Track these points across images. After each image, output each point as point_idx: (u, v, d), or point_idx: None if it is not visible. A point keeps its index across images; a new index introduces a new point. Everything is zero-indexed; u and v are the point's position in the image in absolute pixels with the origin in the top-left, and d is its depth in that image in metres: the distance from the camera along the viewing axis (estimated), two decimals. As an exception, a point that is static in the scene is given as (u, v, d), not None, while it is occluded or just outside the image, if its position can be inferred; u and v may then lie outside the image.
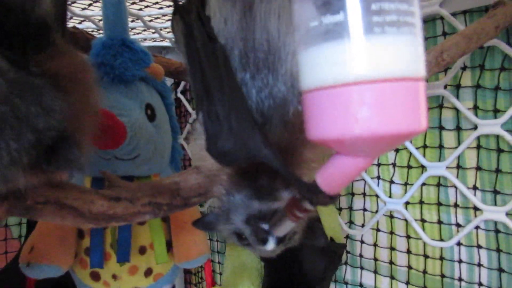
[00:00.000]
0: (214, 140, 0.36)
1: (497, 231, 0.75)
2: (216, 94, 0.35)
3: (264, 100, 0.39)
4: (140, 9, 1.04)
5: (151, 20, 1.08)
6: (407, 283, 0.86)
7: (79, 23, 1.04)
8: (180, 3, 0.46)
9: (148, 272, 0.73)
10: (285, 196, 0.42)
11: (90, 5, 0.98)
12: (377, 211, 0.89)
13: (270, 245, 0.41)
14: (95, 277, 0.71)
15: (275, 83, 0.39)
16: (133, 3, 0.98)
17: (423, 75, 0.27)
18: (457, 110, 0.78)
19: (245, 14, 0.39)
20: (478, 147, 0.77)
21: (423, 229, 0.82)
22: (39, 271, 0.64)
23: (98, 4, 0.96)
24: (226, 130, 0.35)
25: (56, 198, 0.37)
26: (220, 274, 1.24)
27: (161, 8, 1.04)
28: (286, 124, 0.39)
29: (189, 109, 1.25)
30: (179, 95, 1.25)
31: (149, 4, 1.01)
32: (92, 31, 1.07)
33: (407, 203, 0.85)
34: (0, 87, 0.28)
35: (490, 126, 0.73)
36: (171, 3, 0.97)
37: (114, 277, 0.71)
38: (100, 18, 1.02)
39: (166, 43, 1.23)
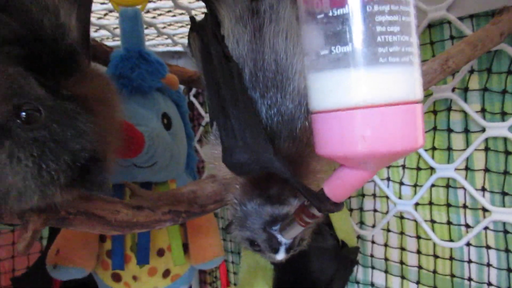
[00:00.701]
0: (230, 152, 0.39)
1: (505, 232, 0.76)
2: (231, 110, 0.39)
3: (273, 117, 0.42)
4: (154, 17, 1.07)
5: (164, 27, 1.12)
6: (418, 282, 0.88)
7: (95, 31, 1.08)
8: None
9: (166, 273, 0.77)
10: (294, 203, 0.45)
11: (105, 14, 1.02)
12: (387, 212, 0.91)
13: (281, 255, 0.44)
14: (116, 278, 0.75)
15: (283, 101, 0.42)
16: (147, 12, 1.01)
17: (420, 98, 0.30)
18: (465, 113, 0.79)
19: (255, 35, 0.42)
20: (486, 149, 0.78)
21: (433, 229, 0.84)
22: (65, 273, 0.68)
23: (113, 13, 1.00)
24: (241, 144, 0.38)
25: (86, 209, 0.40)
26: (234, 273, 1.27)
27: (174, 16, 1.07)
28: (294, 139, 0.42)
29: (202, 112, 1.28)
30: (192, 98, 1.28)
31: (162, 12, 1.05)
32: (107, 38, 1.12)
33: (416, 204, 0.86)
34: (40, 115, 0.31)
35: (498, 129, 0.74)
36: (184, 11, 1.01)
37: (134, 278, 0.74)
38: (114, 26, 1.06)
39: (178, 48, 1.27)
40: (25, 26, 0.35)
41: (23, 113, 0.31)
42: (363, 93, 0.29)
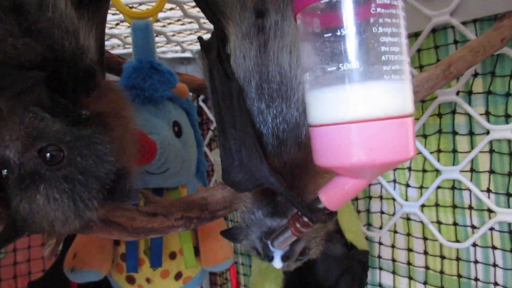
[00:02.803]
0: (227, 172, 0.42)
1: (511, 232, 0.77)
2: (229, 131, 0.41)
3: (279, 125, 0.44)
4: (163, 26, 1.10)
5: (173, 35, 1.15)
6: (425, 283, 0.89)
7: (107, 39, 1.11)
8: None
9: (178, 276, 0.79)
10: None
11: (117, 24, 1.06)
12: (394, 214, 0.92)
13: (277, 263, 0.46)
14: (131, 280, 0.77)
15: (288, 110, 0.44)
16: (157, 21, 1.04)
17: (411, 112, 0.32)
18: (469, 116, 0.80)
19: (260, 50, 0.44)
20: (491, 151, 0.79)
21: (439, 231, 0.85)
22: (82, 276, 0.71)
23: (124, 23, 1.03)
24: (237, 164, 0.41)
25: (104, 216, 0.43)
26: (244, 275, 1.29)
27: (183, 24, 1.10)
28: (299, 145, 0.44)
29: (211, 116, 1.30)
30: (201, 103, 1.31)
31: (172, 21, 1.08)
32: (118, 46, 1.15)
33: (423, 205, 0.88)
34: (63, 153, 0.34)
35: (502, 131, 0.76)
36: (192, 20, 1.03)
37: (148, 280, 0.77)
38: (125, 35, 1.09)
39: (187, 54, 1.29)
40: (47, 49, 0.38)
41: (48, 154, 0.34)
42: (357, 108, 0.31)
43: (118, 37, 1.09)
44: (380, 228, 0.96)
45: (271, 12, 0.45)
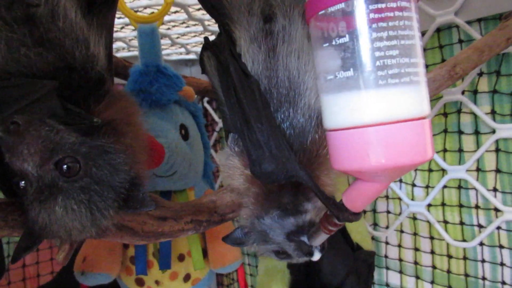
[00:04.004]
0: (258, 163, 0.42)
1: (518, 231, 0.77)
2: (255, 124, 0.42)
3: (285, 130, 0.44)
4: (168, 29, 1.11)
5: (178, 37, 1.15)
6: (432, 282, 0.89)
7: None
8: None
9: (187, 278, 0.80)
10: (309, 207, 0.47)
11: (122, 28, 1.06)
12: (400, 213, 0.92)
13: (316, 256, 0.47)
14: (140, 283, 0.78)
15: (295, 115, 0.44)
16: (162, 24, 1.05)
17: (426, 114, 0.32)
18: (475, 115, 0.80)
19: (269, 55, 0.45)
20: (497, 150, 0.79)
21: (446, 230, 0.85)
22: (92, 279, 0.71)
23: (129, 26, 1.04)
24: (268, 155, 0.41)
25: (117, 221, 0.43)
26: (250, 275, 1.30)
27: (187, 27, 1.11)
28: (304, 151, 0.45)
29: (216, 118, 1.31)
30: (206, 105, 1.32)
31: (177, 24, 1.08)
32: (123, 49, 1.16)
33: (429, 205, 0.88)
34: (79, 164, 0.35)
35: (508, 130, 0.76)
36: (197, 22, 1.04)
37: (157, 282, 0.78)
38: (130, 38, 1.10)
39: (191, 56, 1.30)
40: (59, 58, 0.38)
41: (65, 167, 0.35)
42: (374, 112, 0.31)
43: (123, 40, 1.10)
44: (387, 227, 0.96)
45: (278, 17, 0.45)
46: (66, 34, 0.39)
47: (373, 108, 0.31)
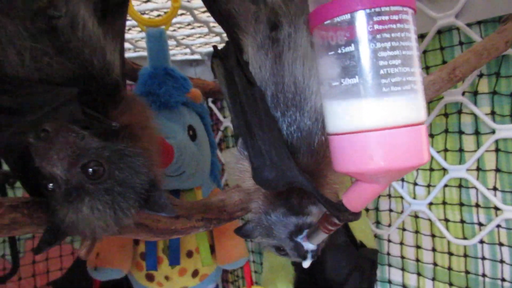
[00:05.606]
0: (259, 171, 0.44)
1: (517, 229, 0.79)
2: (257, 132, 0.44)
3: (293, 133, 0.46)
4: (174, 30, 1.13)
5: (183, 38, 1.18)
6: (433, 279, 0.92)
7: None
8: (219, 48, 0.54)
9: (195, 273, 0.82)
10: (314, 211, 0.49)
11: (129, 29, 1.09)
12: (402, 212, 0.94)
13: (308, 262, 0.49)
14: (150, 278, 0.81)
15: (301, 118, 0.46)
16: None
17: (423, 120, 0.34)
18: (475, 116, 0.82)
19: (275, 61, 0.47)
20: (497, 150, 0.81)
21: (447, 228, 0.87)
22: (104, 274, 0.74)
23: (136, 28, 1.06)
24: (268, 163, 0.43)
25: (134, 219, 0.46)
26: (255, 272, 1.32)
27: (192, 28, 1.13)
28: (312, 152, 0.47)
29: (220, 117, 1.33)
30: (211, 104, 1.34)
31: (182, 26, 1.11)
32: (129, 50, 1.18)
33: (430, 203, 0.90)
34: (103, 168, 0.38)
35: (508, 130, 0.77)
36: (202, 24, 1.06)
37: (167, 278, 0.80)
38: (136, 39, 1.12)
39: (196, 57, 1.32)
40: (79, 66, 0.41)
41: (90, 170, 0.38)
42: (373, 118, 0.33)
43: (129, 41, 1.13)
44: (389, 225, 0.98)
45: (284, 25, 0.47)
46: (85, 43, 0.42)
47: (375, 114, 0.33)
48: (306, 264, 0.49)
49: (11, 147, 0.40)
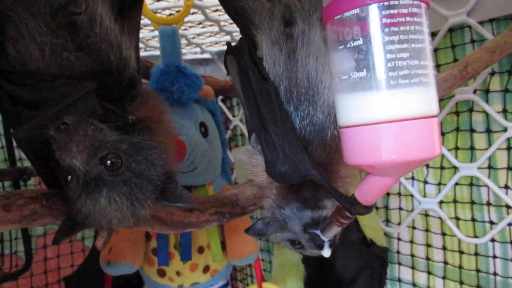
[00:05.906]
0: (272, 164, 0.45)
1: (529, 228, 0.79)
2: (271, 127, 0.44)
3: (306, 127, 0.47)
4: (185, 29, 1.14)
5: (193, 37, 1.19)
6: (444, 278, 0.91)
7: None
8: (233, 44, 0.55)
9: (206, 269, 0.83)
10: (328, 204, 0.50)
11: (141, 28, 1.10)
12: (412, 210, 0.94)
13: (327, 251, 0.49)
14: (161, 273, 0.82)
15: (314, 112, 0.47)
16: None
17: (435, 113, 0.35)
18: (486, 114, 0.82)
19: (289, 57, 0.47)
20: (508, 148, 0.80)
21: (458, 226, 0.87)
22: (117, 269, 0.75)
23: (147, 27, 1.07)
24: (281, 157, 0.44)
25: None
26: (264, 270, 1.33)
27: (203, 27, 1.14)
28: (324, 146, 0.47)
29: (230, 116, 1.34)
30: (220, 103, 1.35)
31: (193, 25, 1.12)
32: (140, 49, 1.19)
33: (441, 202, 0.90)
34: (121, 160, 0.39)
35: (520, 129, 0.77)
36: (213, 23, 1.07)
37: (178, 273, 0.81)
38: (148, 38, 1.14)
39: (206, 56, 1.33)
40: (96, 62, 0.42)
41: (108, 162, 0.39)
42: (386, 110, 0.33)
43: (141, 40, 1.14)
44: (399, 224, 0.98)
45: (298, 21, 0.48)
46: (103, 39, 0.43)
47: (384, 106, 0.33)
48: (326, 253, 0.49)
49: (32, 140, 0.41)
